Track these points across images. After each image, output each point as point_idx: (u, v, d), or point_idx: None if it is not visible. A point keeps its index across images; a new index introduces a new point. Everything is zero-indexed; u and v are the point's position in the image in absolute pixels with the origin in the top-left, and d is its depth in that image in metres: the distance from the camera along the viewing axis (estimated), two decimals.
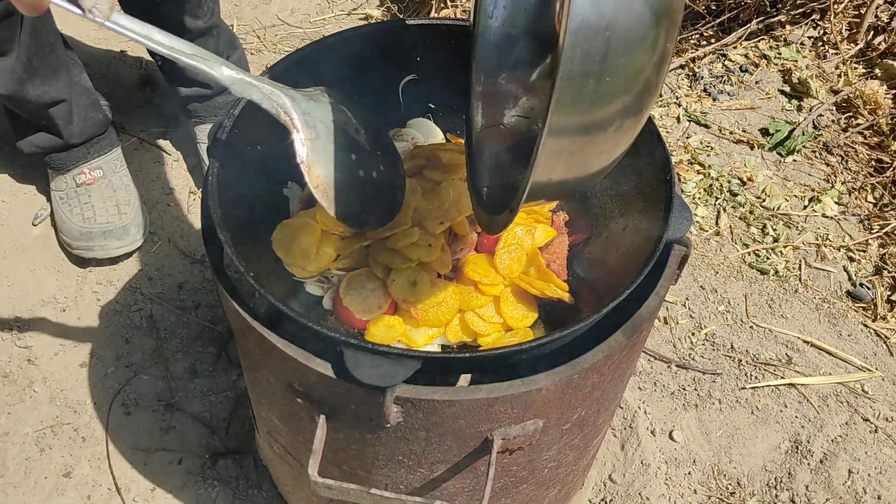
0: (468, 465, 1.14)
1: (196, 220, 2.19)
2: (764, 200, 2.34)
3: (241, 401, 1.85)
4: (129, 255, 2.10)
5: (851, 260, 2.22)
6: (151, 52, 2.09)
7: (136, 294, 2.02)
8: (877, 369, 1.99)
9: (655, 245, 1.09)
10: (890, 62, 2.68)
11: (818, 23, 2.84)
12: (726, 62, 2.76)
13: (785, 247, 2.23)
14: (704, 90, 2.67)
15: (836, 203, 2.36)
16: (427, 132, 1.49)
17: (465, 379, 1.35)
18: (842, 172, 2.44)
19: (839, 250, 2.24)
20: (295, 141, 1.09)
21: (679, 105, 2.61)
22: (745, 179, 2.39)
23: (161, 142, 2.40)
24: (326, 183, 1.12)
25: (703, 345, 2.02)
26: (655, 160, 1.20)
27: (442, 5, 2.57)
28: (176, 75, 2.15)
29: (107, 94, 2.41)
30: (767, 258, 2.21)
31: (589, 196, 1.38)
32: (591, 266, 1.33)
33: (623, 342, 1.07)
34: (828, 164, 2.47)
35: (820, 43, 2.82)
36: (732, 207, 2.32)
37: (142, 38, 1.01)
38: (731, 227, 2.28)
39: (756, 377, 1.95)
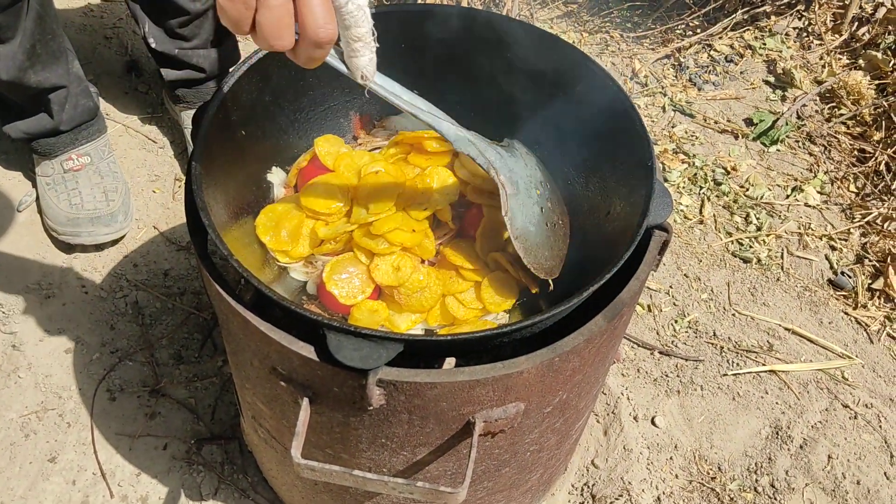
0: (450, 447, 1.15)
1: (182, 208, 2.18)
2: (747, 189, 2.36)
3: (227, 387, 1.85)
4: (115, 241, 2.09)
5: (833, 249, 2.24)
6: (145, 38, 2.10)
7: (122, 281, 2.02)
8: (857, 356, 2.02)
9: (636, 230, 1.10)
10: (873, 53, 2.70)
11: (803, 14, 2.86)
12: (712, 52, 2.77)
13: (768, 235, 2.25)
14: (690, 80, 2.68)
15: (818, 192, 2.38)
16: (415, 123, 1.49)
17: (450, 363, 1.36)
18: (825, 162, 2.46)
19: (821, 239, 2.26)
20: (501, 196, 1.20)
21: (664, 94, 2.62)
22: (729, 169, 2.41)
23: (146, 128, 2.39)
24: (524, 234, 1.23)
25: (686, 332, 2.03)
26: (637, 147, 1.21)
27: None
28: (166, 58, 2.15)
29: (93, 81, 2.40)
30: (750, 247, 2.23)
31: (573, 182, 1.39)
32: (575, 251, 1.34)
33: (603, 326, 1.08)
34: (811, 154, 2.49)
35: (805, 34, 2.84)
36: (716, 196, 2.34)
37: (392, 98, 1.10)
38: (714, 215, 2.30)
39: (738, 364, 1.98)
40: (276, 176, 1.40)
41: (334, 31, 0.88)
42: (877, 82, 2.64)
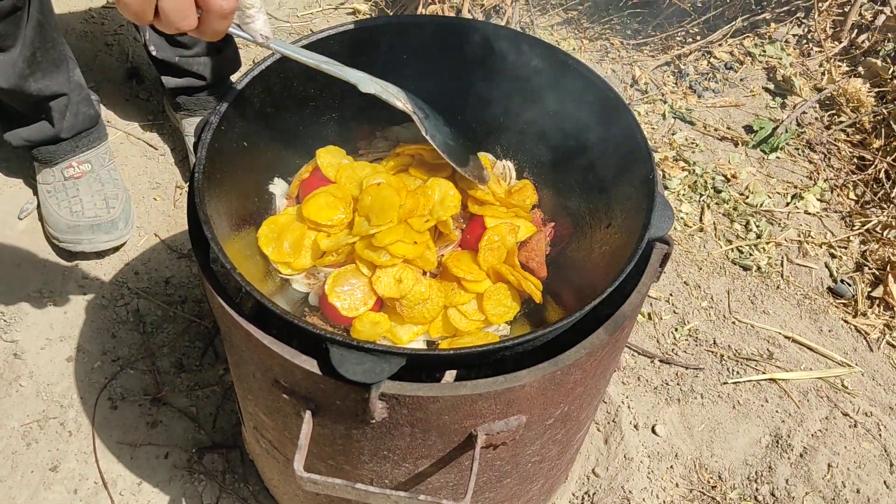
0: (452, 459, 1.15)
1: (183, 215, 2.19)
2: (747, 197, 2.36)
3: (228, 395, 1.85)
4: (116, 249, 2.10)
5: (833, 256, 2.25)
6: (146, 45, 2.11)
7: (123, 288, 2.02)
8: (856, 365, 2.02)
9: (637, 243, 1.11)
10: (873, 60, 2.71)
11: (803, 21, 2.86)
12: (712, 59, 2.78)
13: (767, 243, 2.26)
14: (690, 87, 2.69)
15: (818, 200, 2.38)
16: (416, 135, 1.50)
17: (450, 374, 1.36)
18: (824, 170, 2.47)
19: (821, 247, 2.27)
20: (416, 121, 1.32)
21: (664, 102, 2.63)
22: (729, 176, 2.42)
23: (147, 135, 2.40)
24: (447, 148, 1.36)
25: (686, 340, 2.04)
26: (639, 160, 1.21)
27: (429, 1, 2.57)
28: (167, 65, 2.15)
29: (93, 88, 2.41)
30: (750, 254, 2.23)
31: (574, 194, 1.39)
32: (576, 263, 1.34)
33: (605, 339, 1.09)
34: (811, 162, 2.49)
35: (804, 41, 2.84)
36: (716, 204, 2.35)
37: (293, 54, 1.20)
38: (714, 223, 2.30)
39: (738, 372, 1.98)
40: (277, 187, 1.40)
41: (235, 1, 0.97)
42: (876, 90, 2.64)
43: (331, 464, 1.21)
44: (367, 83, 1.27)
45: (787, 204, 2.37)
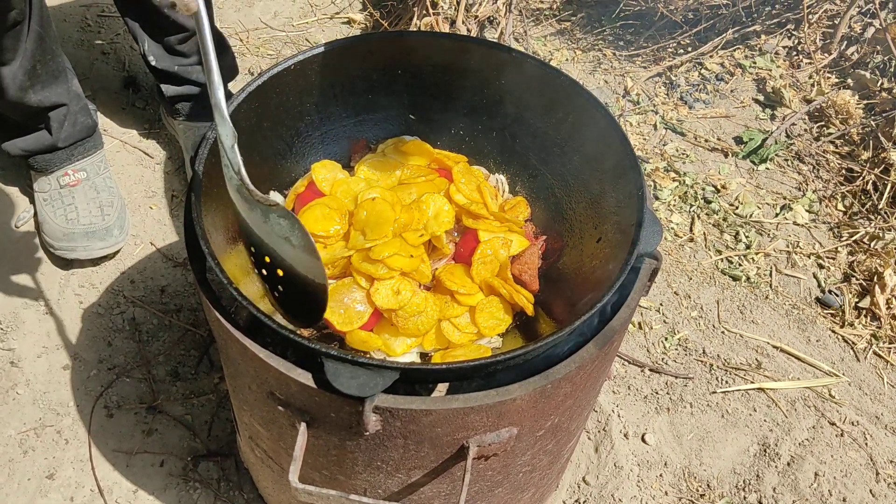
0: (444, 470, 1.17)
1: (179, 224, 2.21)
2: (737, 208, 2.39)
3: (223, 403, 1.87)
4: (111, 256, 2.11)
5: (821, 267, 2.28)
6: (144, 56, 2.13)
7: (119, 297, 2.04)
8: (843, 374, 2.05)
9: (626, 260, 1.13)
10: (862, 72, 2.74)
11: (793, 33, 2.90)
12: (702, 71, 2.81)
13: (757, 254, 2.29)
14: (681, 98, 2.72)
15: (807, 211, 2.41)
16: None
17: (443, 385, 1.38)
18: (813, 181, 2.50)
19: (809, 258, 2.30)
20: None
21: (656, 113, 2.66)
22: (718, 187, 2.45)
23: (144, 144, 2.41)
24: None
25: (676, 349, 2.06)
26: (628, 175, 1.24)
27: (424, 13, 2.60)
28: (166, 75, 2.17)
29: (90, 97, 2.43)
30: (739, 265, 2.26)
31: (565, 208, 1.42)
32: (567, 276, 1.37)
33: (595, 353, 1.11)
34: (800, 173, 2.53)
35: (794, 52, 2.88)
36: (706, 214, 2.37)
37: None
38: (704, 233, 2.33)
39: (727, 381, 2.01)
40: (273, 200, 1.42)
41: None
42: (865, 101, 2.68)
43: (325, 474, 1.23)
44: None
45: (776, 215, 2.40)
